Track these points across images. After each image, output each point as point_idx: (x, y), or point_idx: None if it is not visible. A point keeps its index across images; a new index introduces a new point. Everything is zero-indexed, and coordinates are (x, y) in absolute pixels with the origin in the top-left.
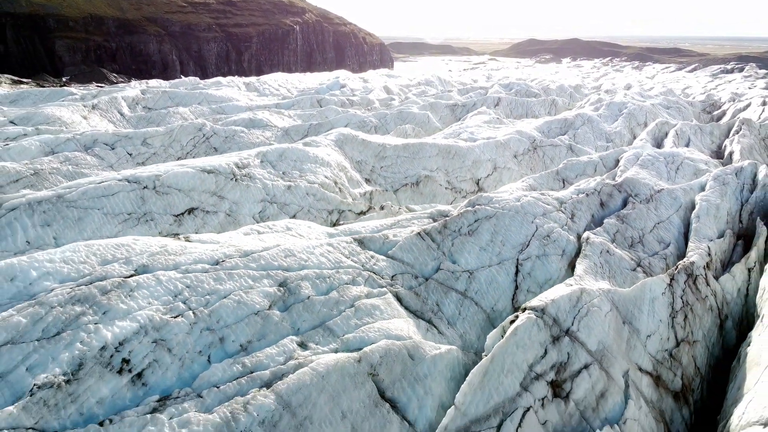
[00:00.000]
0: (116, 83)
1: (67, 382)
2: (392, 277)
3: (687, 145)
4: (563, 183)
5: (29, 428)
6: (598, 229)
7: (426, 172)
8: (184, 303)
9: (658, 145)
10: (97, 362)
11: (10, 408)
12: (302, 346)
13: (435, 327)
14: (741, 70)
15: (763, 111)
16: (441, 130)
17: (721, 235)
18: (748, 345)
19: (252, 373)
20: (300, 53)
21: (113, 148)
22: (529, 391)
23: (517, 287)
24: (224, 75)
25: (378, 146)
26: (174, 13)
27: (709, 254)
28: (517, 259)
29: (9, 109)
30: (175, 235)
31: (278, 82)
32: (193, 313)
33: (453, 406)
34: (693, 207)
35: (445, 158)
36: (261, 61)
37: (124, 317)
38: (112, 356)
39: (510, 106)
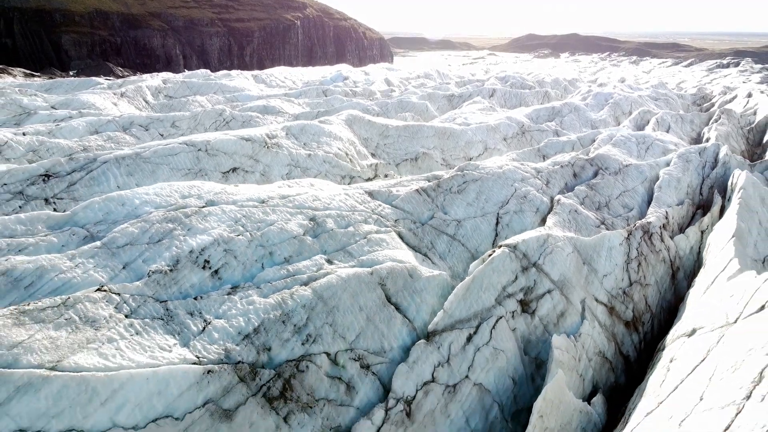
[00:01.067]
0: (122, 77)
1: (170, 270)
2: (395, 220)
3: (667, 132)
4: (543, 159)
5: (149, 296)
6: (569, 193)
7: (424, 150)
8: (243, 227)
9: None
10: (188, 260)
11: (137, 283)
12: (329, 262)
13: (429, 259)
14: (737, 64)
15: (747, 102)
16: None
17: (680, 204)
18: (692, 287)
19: (294, 276)
20: (301, 48)
21: (147, 129)
22: (502, 305)
23: (497, 234)
24: (227, 69)
25: (382, 126)
26: (177, 8)
27: (667, 217)
28: (498, 213)
29: (48, 96)
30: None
31: (283, 74)
32: (250, 234)
33: (442, 310)
34: (658, 180)
35: (441, 138)
36: (262, 55)
37: (203, 233)
38: (197, 257)
39: (504, 97)
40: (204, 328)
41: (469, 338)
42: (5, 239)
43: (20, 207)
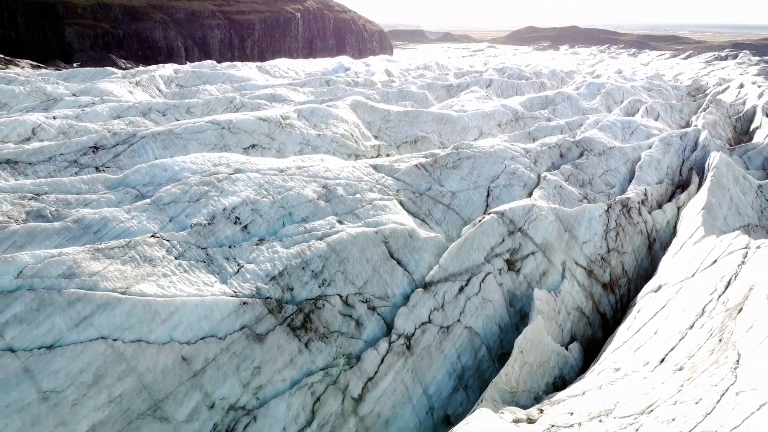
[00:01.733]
0: (125, 69)
1: (208, 224)
2: (397, 190)
3: (656, 120)
4: (533, 141)
5: (192, 243)
6: (555, 171)
7: (422, 134)
8: (266, 191)
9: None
10: (222, 216)
11: (182, 233)
12: (340, 222)
13: (427, 224)
14: (735, 57)
15: (739, 93)
16: None
17: (659, 183)
18: (665, 254)
19: (311, 232)
20: (301, 40)
21: (164, 115)
22: (491, 263)
23: (487, 205)
24: (228, 61)
25: (384, 111)
26: (179, 0)
27: (646, 194)
28: (489, 187)
29: (68, 84)
30: None
31: (286, 65)
32: (272, 197)
33: (437, 265)
34: (639, 161)
35: (439, 123)
36: (263, 47)
37: (233, 195)
38: (230, 214)
39: (501, 87)
40: (238, 270)
41: (461, 289)
42: (73, 195)
43: (75, 173)
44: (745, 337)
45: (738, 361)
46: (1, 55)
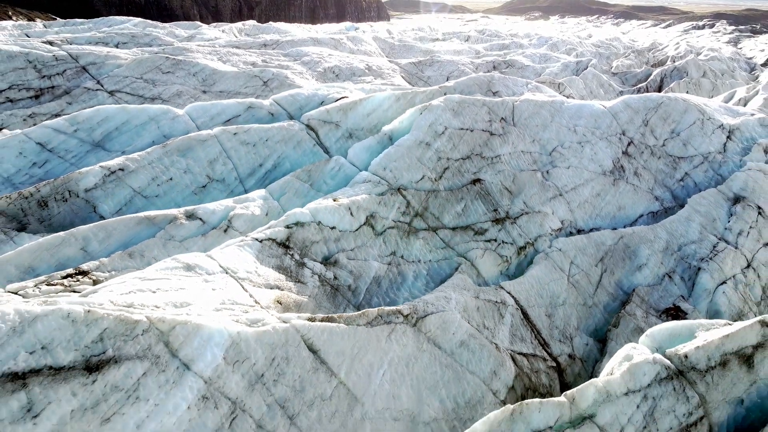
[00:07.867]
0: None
1: (323, 72)
2: (400, 72)
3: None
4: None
5: (319, 77)
6: (487, 74)
7: (415, 58)
8: (342, 63)
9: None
10: (327, 69)
11: (315, 72)
12: (374, 79)
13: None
14: (712, 26)
15: (673, 50)
16: None
17: None
18: None
19: (363, 80)
20: (304, 9)
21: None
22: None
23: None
24: None
25: (390, 43)
26: None
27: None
28: (447, 76)
29: (183, 30)
30: None
31: (306, 27)
32: (346, 66)
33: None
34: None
35: (425, 54)
36: (270, 15)
37: (329, 62)
38: (331, 69)
39: (476, 41)
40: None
41: None
42: (273, 57)
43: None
44: None
45: None
46: (57, 17)
